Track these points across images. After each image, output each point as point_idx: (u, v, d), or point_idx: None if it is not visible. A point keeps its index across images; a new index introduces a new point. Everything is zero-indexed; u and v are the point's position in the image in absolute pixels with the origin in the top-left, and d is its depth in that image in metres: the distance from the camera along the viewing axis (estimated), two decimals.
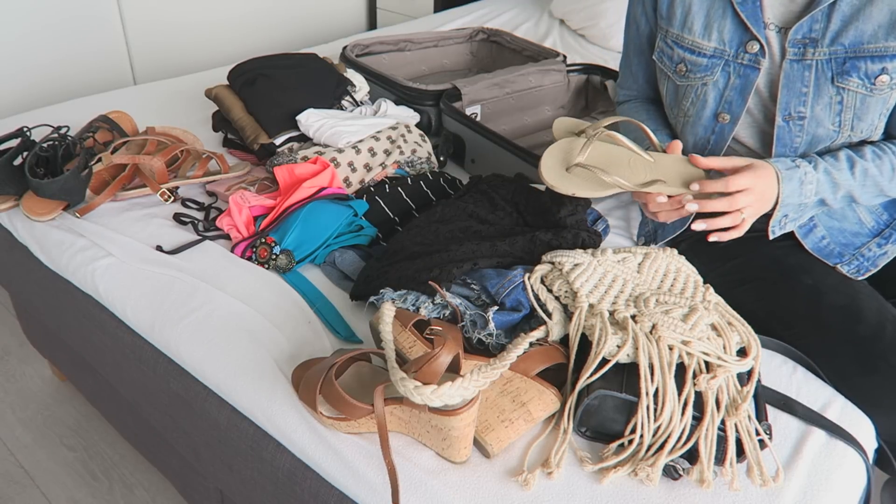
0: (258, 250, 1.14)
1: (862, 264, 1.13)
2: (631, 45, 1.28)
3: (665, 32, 1.15)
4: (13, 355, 1.79)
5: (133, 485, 1.47)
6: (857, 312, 1.02)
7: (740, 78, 1.09)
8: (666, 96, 1.21)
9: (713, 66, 1.10)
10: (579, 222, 1.12)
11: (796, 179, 1.02)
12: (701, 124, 1.15)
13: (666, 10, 1.14)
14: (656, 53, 1.19)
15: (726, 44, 1.08)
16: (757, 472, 0.81)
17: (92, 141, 1.33)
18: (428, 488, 0.80)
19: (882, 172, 1.05)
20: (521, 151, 1.36)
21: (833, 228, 1.15)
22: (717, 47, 1.09)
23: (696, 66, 1.12)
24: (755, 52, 1.06)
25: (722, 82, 1.11)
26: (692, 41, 1.11)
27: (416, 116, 1.51)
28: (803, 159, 1.05)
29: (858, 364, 0.98)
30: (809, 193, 1.03)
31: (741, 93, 1.10)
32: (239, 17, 2.58)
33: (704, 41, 1.10)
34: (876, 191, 1.06)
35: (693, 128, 1.17)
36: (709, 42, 1.10)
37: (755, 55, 1.07)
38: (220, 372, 0.97)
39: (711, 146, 1.16)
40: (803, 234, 1.14)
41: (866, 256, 1.13)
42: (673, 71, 1.16)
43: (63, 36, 2.14)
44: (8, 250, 1.31)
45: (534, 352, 0.89)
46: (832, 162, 1.05)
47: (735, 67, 1.09)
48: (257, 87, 1.42)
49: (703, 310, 0.90)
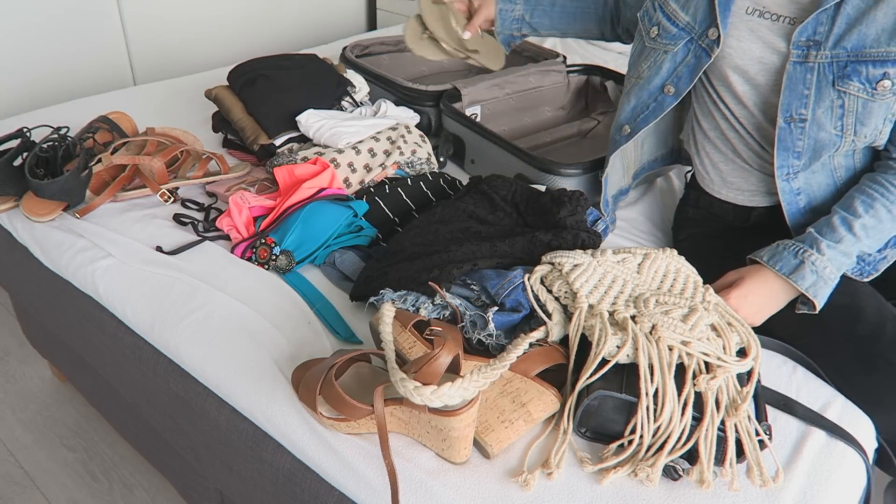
0: (258, 251, 1.14)
1: (864, 268, 1.14)
2: None
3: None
4: (13, 356, 1.79)
5: (133, 485, 1.47)
6: (856, 311, 1.02)
7: (695, 58, 1.12)
8: (631, 55, 1.25)
9: (678, 39, 1.13)
10: (579, 223, 1.12)
11: (809, 273, 1.00)
12: (647, 89, 1.18)
13: None
14: (641, 11, 1.21)
15: (696, 22, 1.11)
16: (757, 472, 0.81)
17: (92, 141, 1.33)
18: (428, 489, 0.80)
19: (881, 221, 1.04)
20: (520, 152, 1.36)
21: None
22: (689, 22, 1.12)
23: (666, 33, 1.14)
24: (714, 38, 1.09)
25: (680, 56, 1.13)
26: (673, 10, 1.14)
27: (416, 117, 1.51)
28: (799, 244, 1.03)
29: (858, 363, 0.98)
30: (831, 275, 1.02)
31: (691, 71, 1.13)
32: (238, 18, 2.58)
33: (681, 13, 1.13)
34: (880, 238, 1.06)
35: (640, 91, 1.19)
36: (684, 15, 1.12)
37: (713, 42, 1.09)
38: (220, 372, 0.97)
39: (647, 113, 1.19)
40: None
41: (867, 262, 1.14)
42: (646, 32, 1.18)
43: (63, 36, 2.14)
44: (8, 251, 1.31)
45: (533, 352, 0.89)
46: (831, 236, 1.03)
47: (695, 47, 1.11)
48: (257, 87, 1.42)
49: (703, 310, 0.90)
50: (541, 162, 1.32)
